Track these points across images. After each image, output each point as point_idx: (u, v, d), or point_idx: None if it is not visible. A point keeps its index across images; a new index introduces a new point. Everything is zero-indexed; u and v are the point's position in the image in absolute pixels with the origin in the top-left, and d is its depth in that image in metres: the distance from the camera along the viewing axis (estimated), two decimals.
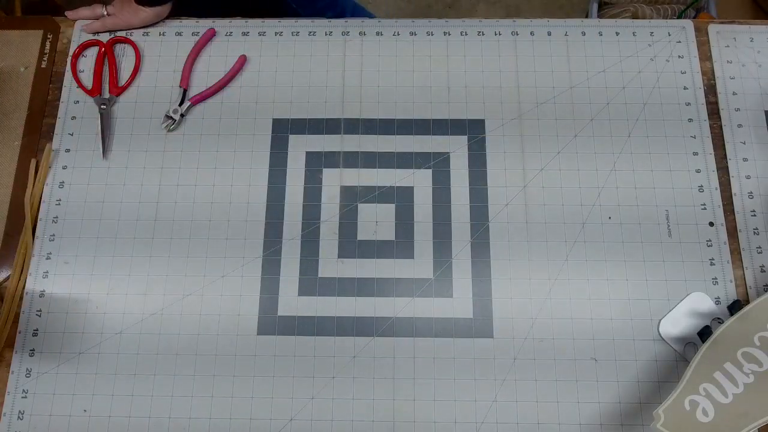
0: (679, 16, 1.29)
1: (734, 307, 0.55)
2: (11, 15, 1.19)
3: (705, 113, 0.66)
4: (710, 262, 0.60)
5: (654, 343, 0.58)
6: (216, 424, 0.57)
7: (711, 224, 0.62)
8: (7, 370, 0.58)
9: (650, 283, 0.60)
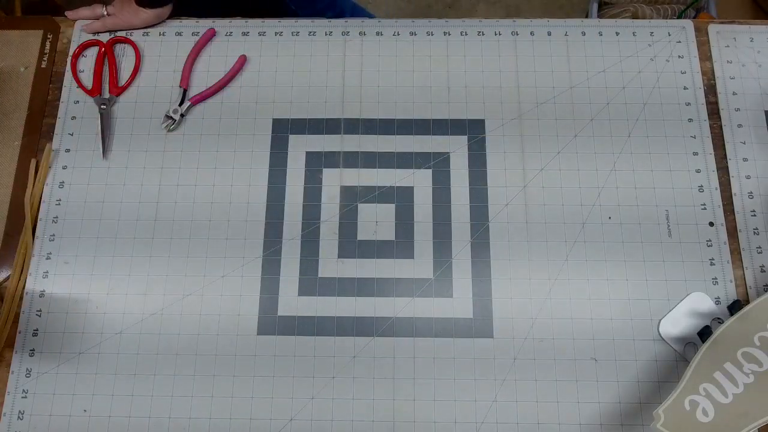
0: (679, 16, 1.29)
1: (734, 307, 0.55)
2: (11, 15, 1.19)
3: (705, 113, 0.66)
4: (710, 262, 0.60)
5: (654, 343, 0.58)
6: (216, 424, 0.57)
7: (711, 224, 0.62)
8: (7, 370, 0.58)
9: (650, 283, 0.60)
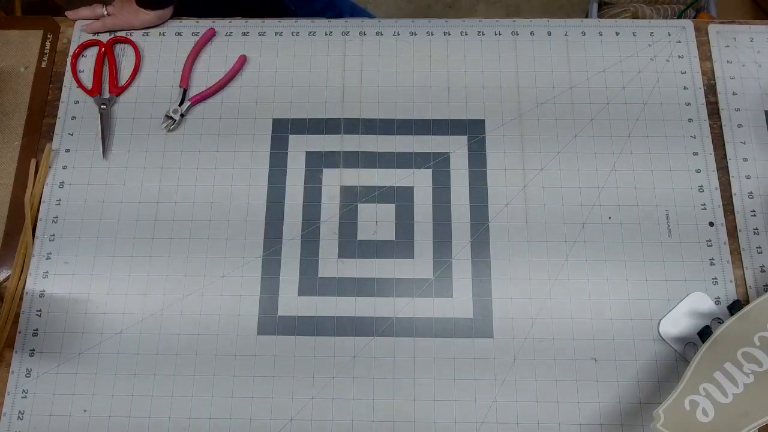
0: (679, 16, 1.29)
1: (734, 307, 0.55)
2: (11, 15, 1.19)
3: (705, 113, 0.66)
4: (710, 262, 0.60)
5: (654, 343, 0.58)
6: (216, 424, 0.57)
7: (711, 224, 0.62)
8: (7, 370, 0.58)
9: (650, 283, 0.60)
